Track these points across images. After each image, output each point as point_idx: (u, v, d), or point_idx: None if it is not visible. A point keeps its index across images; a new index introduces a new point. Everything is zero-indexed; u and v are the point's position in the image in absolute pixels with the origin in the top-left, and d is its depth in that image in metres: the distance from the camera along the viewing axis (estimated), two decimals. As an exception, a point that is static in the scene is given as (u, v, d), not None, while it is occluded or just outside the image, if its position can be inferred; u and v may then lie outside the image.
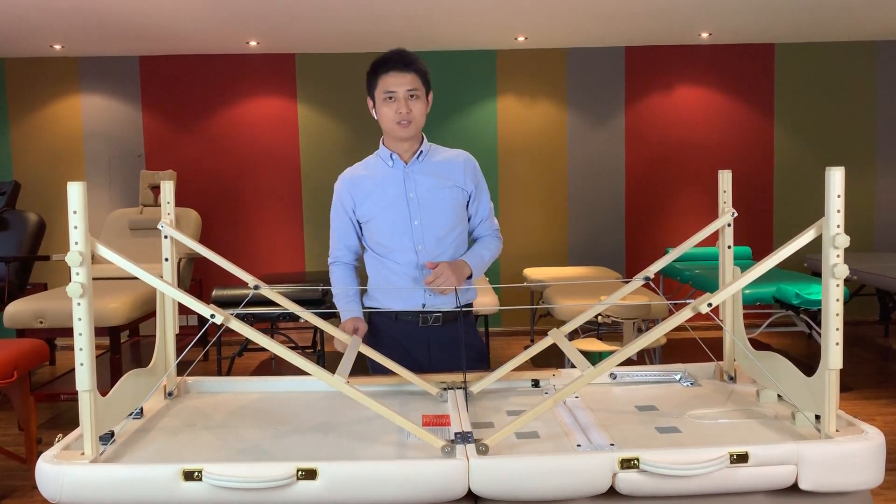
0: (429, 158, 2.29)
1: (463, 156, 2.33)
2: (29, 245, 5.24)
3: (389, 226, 2.23)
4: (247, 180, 6.58)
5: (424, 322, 2.26)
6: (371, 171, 2.29)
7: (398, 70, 2.16)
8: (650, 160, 6.69)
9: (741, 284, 1.61)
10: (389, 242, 2.24)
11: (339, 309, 2.29)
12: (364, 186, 2.26)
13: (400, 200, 2.23)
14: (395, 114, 2.17)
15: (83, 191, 1.44)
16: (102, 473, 1.42)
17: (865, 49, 6.62)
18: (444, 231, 2.25)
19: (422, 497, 1.42)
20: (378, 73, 2.19)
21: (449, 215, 2.26)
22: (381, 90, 2.18)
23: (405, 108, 2.16)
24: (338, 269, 2.35)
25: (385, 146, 2.29)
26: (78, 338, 1.44)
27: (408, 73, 2.16)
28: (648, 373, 2.07)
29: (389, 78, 2.16)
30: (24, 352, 3.43)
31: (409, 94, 2.17)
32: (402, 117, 2.17)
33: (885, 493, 3.16)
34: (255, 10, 5.07)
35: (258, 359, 5.80)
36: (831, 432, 1.51)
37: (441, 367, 2.20)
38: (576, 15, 5.42)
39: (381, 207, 2.23)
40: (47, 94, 6.48)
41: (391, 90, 2.16)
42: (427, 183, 2.25)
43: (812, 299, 4.38)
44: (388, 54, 2.20)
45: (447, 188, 2.26)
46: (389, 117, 2.18)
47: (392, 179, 2.25)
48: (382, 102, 2.18)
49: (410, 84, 2.17)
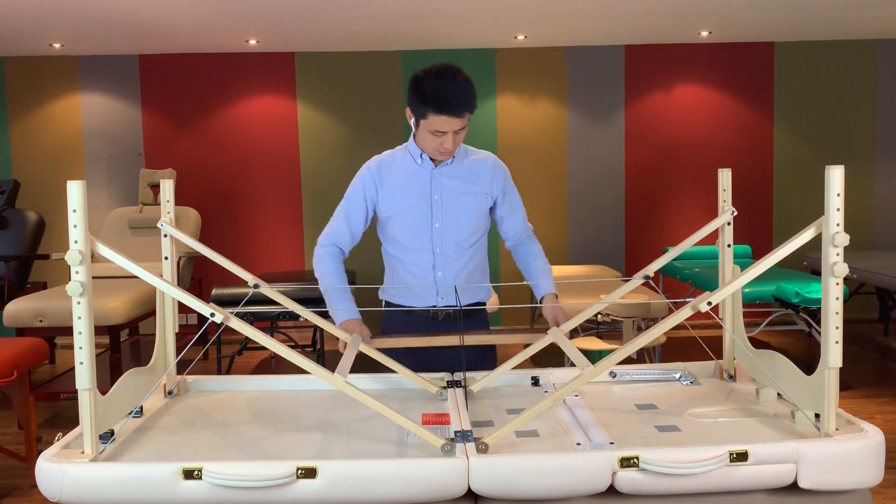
0: (458, 161, 2.25)
1: (491, 159, 2.30)
2: (28, 244, 5.24)
3: (410, 225, 2.22)
4: (246, 179, 6.58)
5: (435, 317, 2.28)
6: (399, 165, 2.25)
7: (454, 115, 2.06)
8: (650, 159, 6.69)
9: (741, 283, 1.61)
10: (408, 242, 2.24)
11: (331, 303, 2.19)
12: (390, 180, 2.23)
13: (424, 201, 2.22)
14: (439, 147, 2.13)
15: (83, 190, 1.44)
16: (102, 472, 1.42)
17: (865, 48, 6.62)
18: (463, 235, 2.25)
19: (421, 496, 1.42)
20: (431, 108, 2.05)
21: (470, 221, 2.25)
22: (429, 125, 2.08)
23: (450, 145, 2.12)
24: (329, 259, 2.25)
25: (417, 144, 2.23)
26: (78, 336, 1.44)
27: (463, 117, 2.08)
28: (648, 371, 2.07)
29: (443, 119, 2.06)
30: (23, 351, 3.42)
31: (457, 131, 2.10)
32: (444, 151, 2.14)
33: (884, 491, 3.16)
34: (254, 9, 5.07)
35: (258, 357, 5.80)
36: (831, 431, 1.51)
37: (449, 361, 2.21)
38: (575, 13, 5.42)
39: (404, 206, 2.22)
40: (47, 93, 6.47)
41: (442, 130, 2.09)
42: (453, 186, 2.23)
43: (812, 298, 4.38)
44: (451, 92, 2.04)
45: (472, 194, 2.24)
46: (432, 146, 2.14)
47: (418, 178, 2.22)
48: (427, 132, 2.11)
49: (460, 125, 2.09)
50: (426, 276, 2.25)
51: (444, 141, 2.10)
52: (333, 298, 2.19)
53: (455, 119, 2.06)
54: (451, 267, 2.26)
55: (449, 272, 2.25)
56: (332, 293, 2.20)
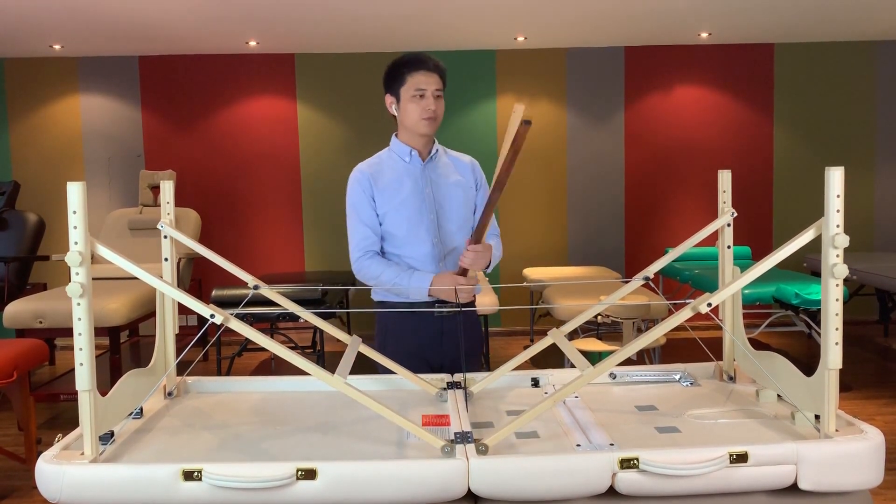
0: (441, 157, 2.40)
1: (468, 158, 2.47)
2: (28, 245, 5.24)
3: (406, 219, 2.28)
4: (246, 180, 6.58)
5: (440, 312, 2.31)
6: (388, 165, 2.35)
7: (428, 70, 2.27)
8: (650, 160, 6.69)
9: (741, 284, 1.61)
10: (406, 235, 2.29)
11: (407, 285, 2.22)
12: (382, 179, 2.31)
13: (417, 195, 2.31)
14: (424, 110, 2.26)
15: (83, 191, 1.44)
16: (102, 473, 1.42)
17: (865, 49, 6.62)
18: (456, 226, 2.34)
19: (421, 497, 1.42)
20: (406, 72, 2.27)
21: (461, 212, 2.36)
22: (410, 87, 2.26)
23: (433, 106, 2.26)
24: (371, 260, 2.28)
25: (401, 141, 2.35)
26: (77, 338, 1.44)
27: (435, 74, 2.28)
28: (648, 373, 2.07)
29: (421, 76, 2.25)
30: (23, 352, 3.42)
31: (436, 93, 2.27)
32: (430, 114, 2.26)
33: (884, 492, 3.16)
34: (254, 10, 5.07)
35: (258, 359, 5.80)
36: (831, 432, 1.51)
37: (452, 354, 2.30)
38: (575, 15, 5.42)
39: (398, 201, 2.29)
40: (47, 94, 6.48)
41: (422, 88, 2.25)
42: (441, 180, 2.35)
43: (811, 299, 4.38)
44: (416, 55, 2.29)
45: (459, 186, 2.38)
46: (417, 113, 2.26)
47: (409, 175, 2.33)
48: (410, 99, 2.26)
49: (437, 84, 2.28)
50: (428, 267, 2.30)
51: (427, 103, 2.25)
52: (403, 279, 2.24)
53: (431, 75, 2.26)
54: (451, 257, 2.32)
55: (450, 263, 2.31)
56: (399, 278, 2.24)
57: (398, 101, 2.30)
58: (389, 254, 2.34)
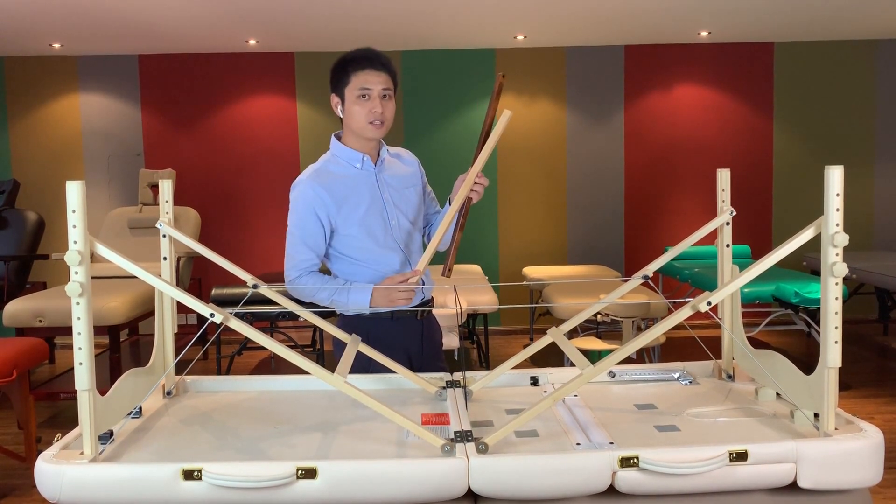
0: (389, 160, 2.28)
1: (406, 151, 2.37)
2: (28, 244, 5.24)
3: (370, 229, 2.17)
4: (246, 179, 6.58)
5: (422, 315, 2.30)
6: (338, 175, 2.18)
7: (374, 69, 2.10)
8: (649, 159, 6.69)
9: (740, 283, 1.61)
10: (373, 246, 2.19)
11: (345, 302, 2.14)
12: (339, 190, 2.15)
13: (377, 202, 2.19)
14: (370, 113, 2.11)
15: (82, 190, 1.44)
16: (101, 473, 1.42)
17: (864, 48, 6.62)
18: (414, 225, 2.29)
19: (421, 496, 1.42)
20: (350, 70, 2.11)
21: (416, 212, 2.30)
22: (354, 87, 2.10)
23: (380, 108, 2.10)
24: (308, 277, 2.15)
25: (347, 146, 2.20)
26: (77, 337, 1.44)
27: (383, 73, 2.11)
28: (647, 371, 2.07)
29: (365, 75, 2.09)
30: (23, 351, 3.42)
31: (383, 93, 2.11)
32: (377, 117, 2.11)
33: (883, 491, 3.16)
34: (254, 9, 5.07)
35: (257, 358, 5.80)
36: (830, 430, 1.51)
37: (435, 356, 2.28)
38: (575, 14, 5.42)
39: (361, 212, 2.16)
40: (46, 93, 6.47)
41: (367, 87, 2.09)
42: (394, 183, 2.25)
43: (811, 298, 4.38)
44: (361, 52, 2.12)
45: (411, 186, 2.29)
46: (363, 116, 2.11)
47: (365, 183, 2.19)
48: (355, 101, 2.11)
49: (385, 83, 2.11)
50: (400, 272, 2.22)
51: (373, 105, 2.09)
52: (342, 295, 2.15)
53: (378, 73, 2.10)
54: (415, 258, 2.27)
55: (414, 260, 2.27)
56: (338, 294, 2.15)
57: (343, 103, 2.15)
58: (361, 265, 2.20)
